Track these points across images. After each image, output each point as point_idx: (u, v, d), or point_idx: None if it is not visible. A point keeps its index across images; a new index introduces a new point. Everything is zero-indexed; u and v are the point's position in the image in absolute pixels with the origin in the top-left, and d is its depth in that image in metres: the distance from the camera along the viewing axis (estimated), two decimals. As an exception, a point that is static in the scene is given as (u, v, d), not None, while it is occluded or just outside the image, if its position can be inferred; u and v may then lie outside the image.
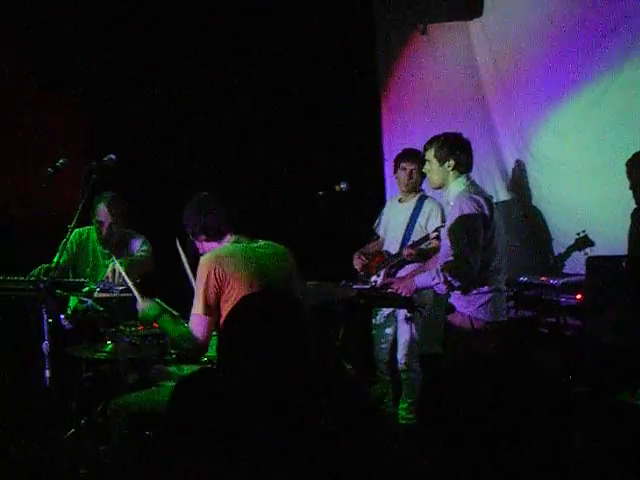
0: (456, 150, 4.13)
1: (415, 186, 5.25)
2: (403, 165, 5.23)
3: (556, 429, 1.72)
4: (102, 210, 4.93)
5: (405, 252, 5.02)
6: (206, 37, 6.42)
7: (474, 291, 4.10)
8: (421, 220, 5.15)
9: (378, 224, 5.52)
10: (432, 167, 4.19)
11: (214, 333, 3.45)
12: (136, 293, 3.61)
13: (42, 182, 4.14)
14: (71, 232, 4.20)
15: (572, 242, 5.12)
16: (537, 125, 5.39)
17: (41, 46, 6.08)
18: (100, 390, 4.21)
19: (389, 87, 6.42)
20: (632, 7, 4.80)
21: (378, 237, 5.50)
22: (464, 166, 4.15)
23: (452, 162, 4.12)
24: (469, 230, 3.99)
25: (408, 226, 5.18)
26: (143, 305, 3.55)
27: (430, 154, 4.19)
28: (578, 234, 5.05)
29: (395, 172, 5.35)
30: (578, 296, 4.62)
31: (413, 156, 5.18)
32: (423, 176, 4.89)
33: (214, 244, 3.52)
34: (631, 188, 4.74)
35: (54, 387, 3.88)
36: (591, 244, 5.00)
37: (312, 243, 4.69)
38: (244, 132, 6.54)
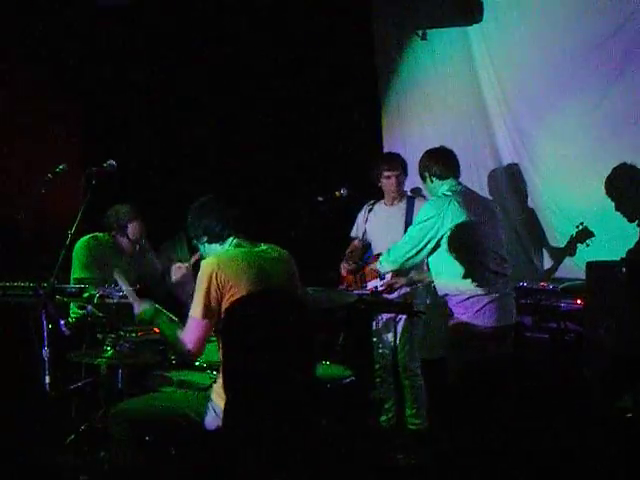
0: (426, 162, 4.44)
1: (402, 190, 5.24)
2: (387, 174, 5.16)
3: (555, 433, 1.72)
4: (137, 226, 5.01)
5: None
6: (207, 40, 6.45)
7: (469, 295, 4.11)
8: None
9: (356, 230, 5.46)
10: (424, 186, 4.60)
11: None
12: (132, 297, 3.65)
13: (42, 188, 4.15)
14: (72, 239, 4.19)
15: (572, 234, 5.13)
16: (536, 130, 5.39)
17: (43, 50, 6.11)
18: (100, 395, 4.19)
19: (389, 92, 6.42)
20: (632, 12, 4.82)
21: (355, 238, 5.47)
22: (443, 172, 4.36)
23: (428, 175, 4.42)
24: (415, 228, 4.30)
25: (406, 228, 5.14)
26: (140, 307, 3.58)
27: (421, 178, 4.56)
28: (577, 226, 5.06)
29: (378, 181, 5.26)
30: (578, 301, 4.62)
31: (395, 162, 5.17)
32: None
33: (216, 246, 3.53)
34: (631, 193, 4.76)
35: (54, 393, 3.88)
36: (591, 235, 5.02)
37: (312, 249, 4.68)
38: (244, 137, 6.55)
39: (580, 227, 5.07)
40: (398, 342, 5.12)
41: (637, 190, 4.76)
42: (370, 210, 5.40)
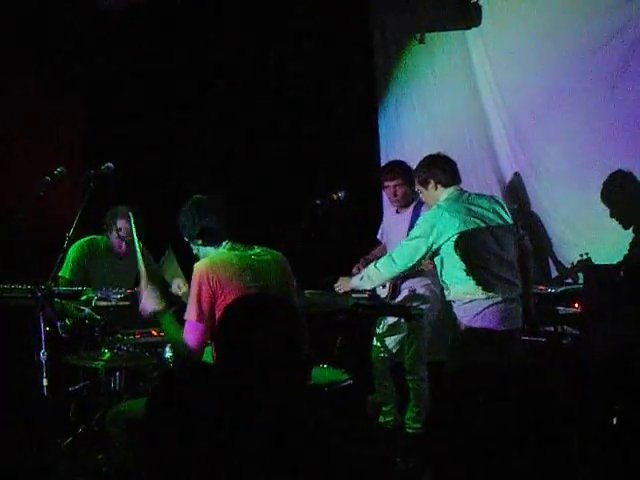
0: (431, 168, 4.35)
1: (406, 200, 5.16)
2: (385, 183, 5.19)
3: (556, 439, 1.71)
4: (127, 226, 4.90)
5: None
6: (207, 41, 6.45)
7: (469, 299, 4.11)
8: None
9: (381, 234, 5.51)
10: (423, 193, 4.47)
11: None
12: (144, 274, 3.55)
13: (39, 190, 4.15)
14: (70, 241, 4.19)
15: (575, 259, 5.09)
16: (535, 134, 5.37)
17: (43, 50, 6.11)
18: (97, 398, 4.20)
19: (387, 95, 6.41)
20: (632, 15, 4.80)
21: (380, 243, 5.48)
22: (446, 179, 4.32)
23: (432, 182, 4.33)
24: (412, 237, 4.24)
25: None
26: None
27: (417, 185, 4.49)
28: (581, 255, 5.02)
29: (382, 189, 5.31)
30: (576, 305, 4.62)
31: (393, 172, 5.15)
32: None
33: (211, 249, 3.50)
34: (627, 198, 4.76)
35: (51, 395, 3.88)
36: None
37: (309, 252, 4.68)
38: (241, 140, 6.54)
39: (584, 256, 4.99)
40: (404, 345, 5.11)
41: (633, 195, 4.76)
42: (387, 215, 5.45)
